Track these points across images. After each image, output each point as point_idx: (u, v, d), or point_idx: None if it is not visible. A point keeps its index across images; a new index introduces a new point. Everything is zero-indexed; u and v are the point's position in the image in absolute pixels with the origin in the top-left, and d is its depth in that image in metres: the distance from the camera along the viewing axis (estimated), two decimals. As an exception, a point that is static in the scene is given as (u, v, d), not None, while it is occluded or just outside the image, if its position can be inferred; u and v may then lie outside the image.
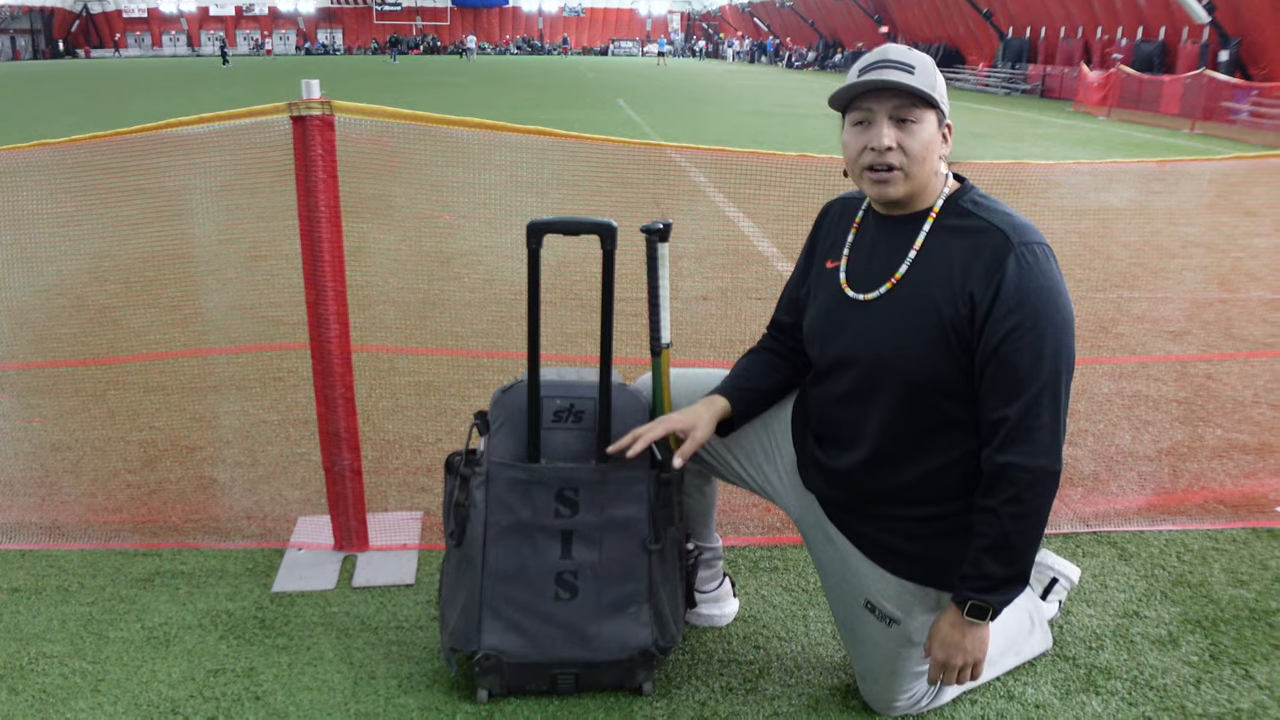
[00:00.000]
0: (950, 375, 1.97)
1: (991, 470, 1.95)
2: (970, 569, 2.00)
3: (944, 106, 1.98)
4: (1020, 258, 1.89)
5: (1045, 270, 1.90)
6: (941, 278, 1.97)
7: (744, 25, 75.67)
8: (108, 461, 3.67)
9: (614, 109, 23.09)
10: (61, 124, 17.73)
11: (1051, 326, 1.89)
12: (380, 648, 2.57)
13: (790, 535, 3.16)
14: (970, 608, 2.00)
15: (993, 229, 1.94)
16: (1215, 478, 3.65)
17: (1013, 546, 1.96)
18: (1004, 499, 1.93)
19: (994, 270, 1.90)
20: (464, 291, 6.10)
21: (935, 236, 2.01)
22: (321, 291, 2.75)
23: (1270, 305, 6.08)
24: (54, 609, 2.74)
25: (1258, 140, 18.38)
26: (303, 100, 2.58)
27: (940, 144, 1.99)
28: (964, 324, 1.93)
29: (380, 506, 3.29)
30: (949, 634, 2.05)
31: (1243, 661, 2.55)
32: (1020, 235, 1.92)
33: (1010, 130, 19.24)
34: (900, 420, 2.05)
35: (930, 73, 1.95)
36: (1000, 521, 1.94)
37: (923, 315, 1.97)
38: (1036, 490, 1.93)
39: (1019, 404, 1.90)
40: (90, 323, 5.45)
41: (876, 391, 2.06)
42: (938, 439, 2.04)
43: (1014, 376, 1.90)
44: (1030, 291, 1.88)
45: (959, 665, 2.06)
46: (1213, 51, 24.94)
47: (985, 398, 1.95)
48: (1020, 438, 1.91)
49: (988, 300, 1.90)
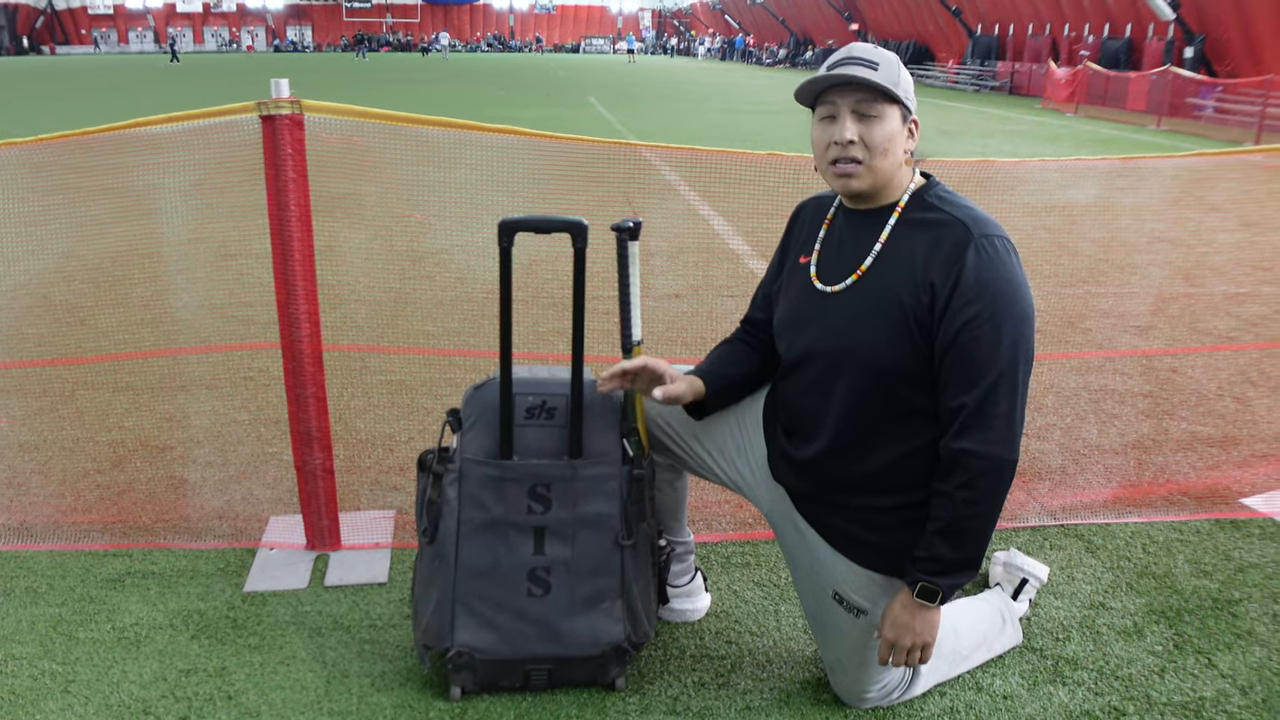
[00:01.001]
0: (912, 364, 2.00)
1: (948, 456, 1.98)
2: (922, 551, 2.04)
3: (908, 102, 2.01)
4: (980, 249, 1.93)
5: (1005, 262, 1.94)
6: (904, 269, 2.00)
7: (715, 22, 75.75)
8: (77, 462, 3.65)
9: (586, 106, 23.06)
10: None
11: (1010, 317, 1.92)
12: (353, 646, 2.57)
13: (762, 531, 3.19)
14: (920, 589, 2.04)
15: (954, 221, 1.99)
16: (1180, 470, 3.70)
17: (965, 531, 1.99)
18: (958, 484, 1.97)
19: (954, 261, 1.94)
20: (436, 290, 6.08)
21: (900, 230, 2.05)
22: (292, 291, 2.74)
23: (1234, 299, 6.16)
24: (23, 610, 2.72)
25: (1222, 135, 18.61)
26: (272, 99, 2.57)
27: (905, 139, 2.03)
28: (925, 313, 1.97)
29: (352, 505, 3.29)
30: (899, 614, 2.09)
31: (1206, 651, 2.60)
32: (980, 228, 1.96)
33: (979, 127, 19.37)
34: (863, 409, 2.08)
35: (894, 69, 1.99)
36: (954, 506, 1.98)
37: (886, 305, 2.01)
38: (991, 477, 1.96)
39: (976, 392, 1.93)
40: (58, 322, 5.39)
41: (840, 381, 2.09)
42: (900, 428, 2.07)
43: (972, 365, 1.93)
44: (989, 282, 1.92)
45: (907, 646, 2.09)
46: (1178, 48, 25.21)
47: (944, 386, 1.99)
48: (977, 425, 1.94)
49: (947, 290, 1.94)
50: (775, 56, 57.65)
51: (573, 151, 4.73)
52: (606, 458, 2.33)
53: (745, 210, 7.45)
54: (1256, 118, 18.32)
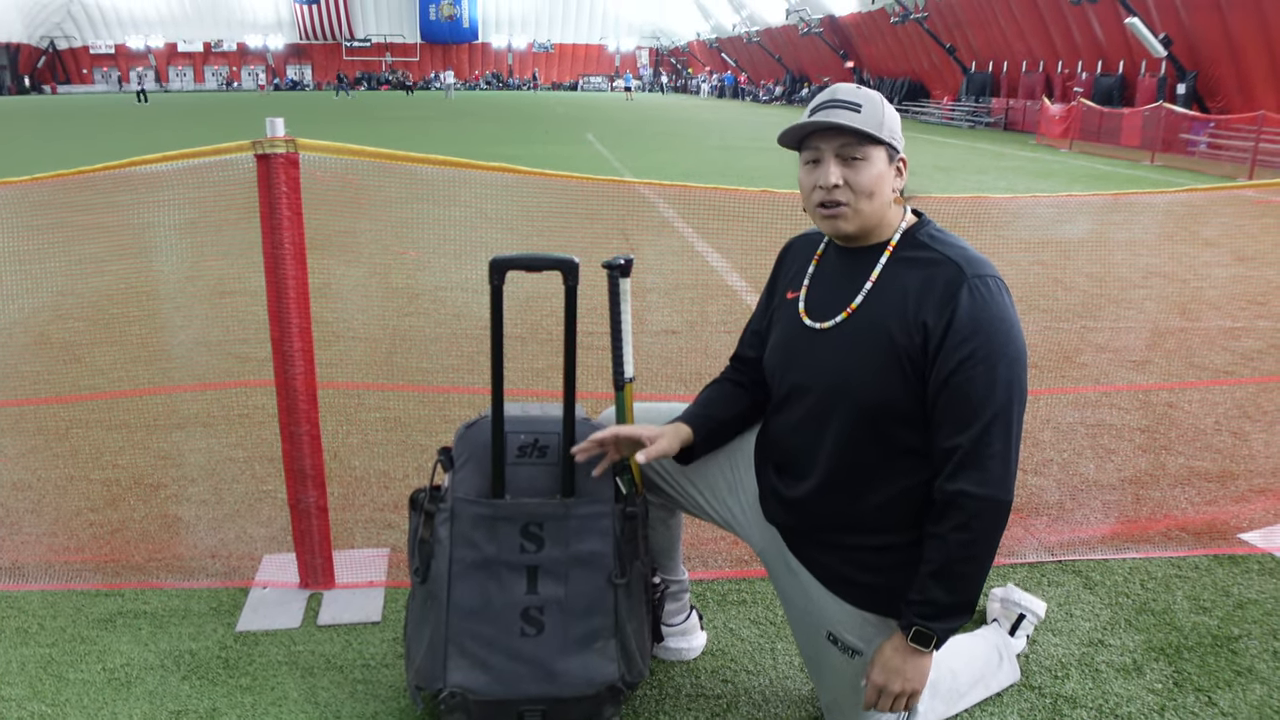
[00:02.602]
0: (903, 402, 1.99)
1: (942, 497, 1.97)
2: (916, 594, 2.01)
3: (894, 142, 2.01)
4: (973, 290, 1.93)
5: (997, 302, 1.94)
6: (896, 308, 2.00)
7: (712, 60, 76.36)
8: (70, 500, 3.63)
9: (583, 144, 23.19)
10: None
11: (1004, 358, 1.92)
12: (346, 687, 2.55)
13: (758, 568, 3.16)
14: (915, 634, 2.00)
15: (947, 261, 1.98)
16: (1178, 505, 3.69)
17: (959, 574, 1.97)
18: (952, 526, 1.95)
19: (947, 302, 1.93)
20: (432, 327, 6.09)
21: (891, 268, 2.05)
22: (286, 328, 2.74)
23: (1229, 334, 6.17)
24: (12, 651, 2.69)
25: (1216, 171, 18.72)
26: (267, 138, 2.58)
27: (893, 178, 2.03)
28: (917, 353, 1.96)
29: (347, 543, 3.27)
30: (890, 659, 2.05)
31: (1206, 689, 2.58)
32: (973, 268, 1.96)
33: (974, 163, 19.48)
34: (853, 447, 2.07)
35: (878, 109, 1.98)
36: (948, 548, 1.96)
37: (877, 343, 2.00)
38: (986, 519, 1.94)
39: (971, 433, 1.92)
40: (53, 360, 5.39)
41: (830, 418, 2.08)
42: (891, 467, 2.05)
43: (966, 406, 1.92)
44: (983, 323, 1.91)
45: (896, 691, 2.05)
46: (1170, 85, 25.40)
47: (937, 427, 1.97)
48: (971, 466, 1.93)
49: (940, 330, 1.93)
50: (771, 94, 58.10)
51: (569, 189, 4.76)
52: (599, 496, 2.32)
53: (741, 246, 7.47)
54: (1249, 153, 18.43)
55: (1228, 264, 8.53)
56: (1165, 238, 9.71)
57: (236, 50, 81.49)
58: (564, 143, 23.41)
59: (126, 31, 78.14)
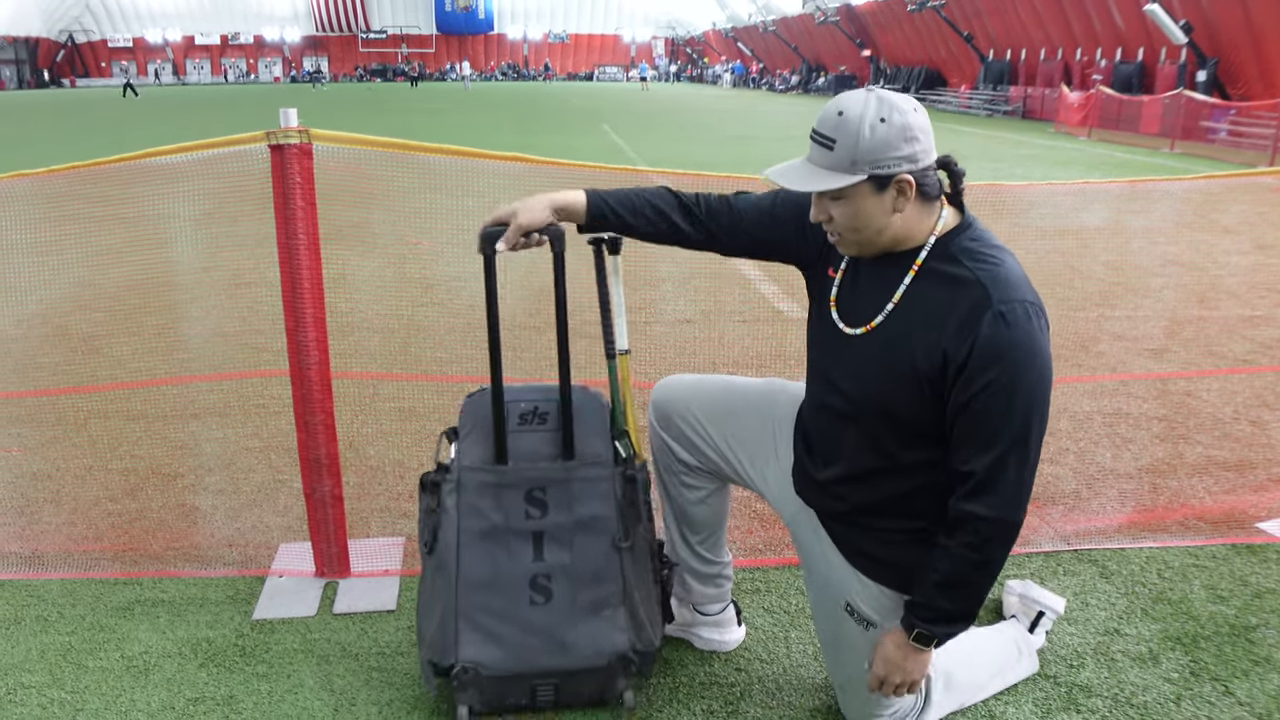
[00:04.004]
0: (923, 416, 1.98)
1: (955, 515, 1.97)
2: (921, 598, 2.04)
3: (882, 170, 1.87)
4: (998, 317, 1.86)
5: (1023, 330, 1.86)
6: (919, 326, 1.95)
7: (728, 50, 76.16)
8: (89, 490, 3.66)
9: (600, 134, 23.18)
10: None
11: (1024, 386, 1.86)
12: (361, 674, 2.56)
13: (772, 557, 3.17)
14: (916, 635, 2.04)
15: (975, 283, 1.90)
16: (1195, 494, 3.67)
17: (964, 586, 2.00)
18: (962, 543, 1.96)
19: (969, 328, 1.87)
20: (447, 317, 6.10)
21: (918, 284, 1.98)
22: (301, 318, 2.75)
23: (1249, 322, 6.12)
24: (33, 639, 2.72)
25: (1237, 159, 18.57)
26: (280, 129, 2.59)
27: (892, 200, 1.91)
28: (937, 375, 1.92)
29: (362, 532, 3.29)
30: (892, 653, 2.09)
31: (1223, 678, 2.56)
32: (1001, 292, 1.87)
33: (992, 151, 19.39)
34: (875, 448, 2.08)
35: (851, 142, 1.86)
36: (956, 563, 1.97)
37: (899, 360, 1.97)
38: (996, 540, 1.95)
39: (987, 458, 1.90)
40: (72, 351, 5.43)
41: (853, 419, 2.09)
42: (910, 468, 2.06)
43: (984, 432, 1.90)
44: (1004, 351, 1.85)
45: (896, 683, 2.11)
46: (1190, 72, 25.20)
47: (954, 447, 1.96)
48: (985, 490, 1.92)
49: (961, 357, 1.88)
50: (788, 83, 57.91)
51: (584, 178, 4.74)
52: (599, 460, 2.36)
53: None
54: (1270, 140, 18.27)
55: (1247, 251, 8.46)
56: (1184, 226, 9.64)
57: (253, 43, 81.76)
58: (580, 133, 23.40)
59: (144, 25, 78.60)
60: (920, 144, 1.88)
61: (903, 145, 1.87)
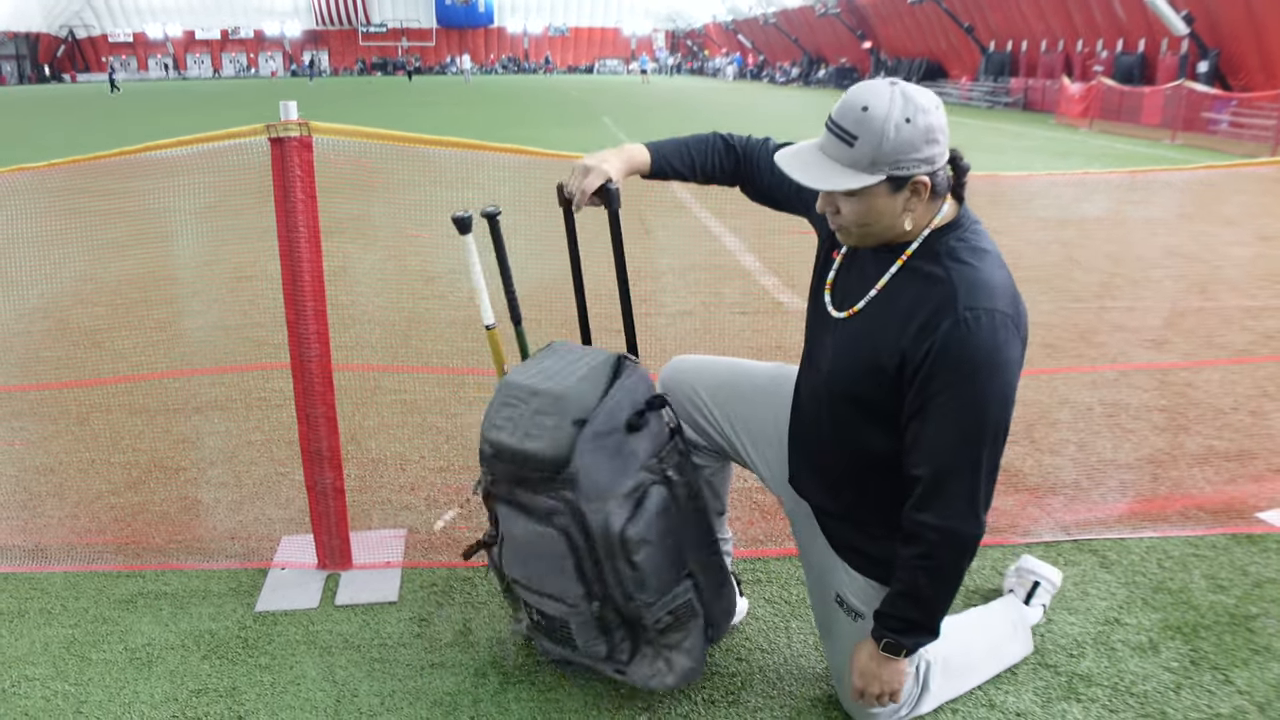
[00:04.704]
0: (887, 409, 1.97)
1: (908, 525, 1.97)
2: (887, 608, 2.06)
3: (901, 171, 1.84)
4: (961, 323, 1.82)
5: (984, 338, 1.82)
6: (887, 326, 1.94)
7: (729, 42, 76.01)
8: (91, 483, 3.67)
9: (599, 127, 23.15)
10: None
11: (978, 398, 1.84)
12: (363, 666, 2.57)
13: (772, 548, 3.18)
14: (885, 644, 2.06)
15: (946, 283, 1.87)
16: (1195, 485, 3.67)
17: (924, 598, 2.01)
18: (917, 554, 1.96)
19: (929, 332, 1.85)
20: (448, 310, 6.10)
21: (899, 278, 1.96)
22: (302, 311, 2.75)
23: (1249, 313, 6.12)
24: (36, 631, 2.73)
25: (1238, 150, 18.52)
26: (280, 122, 2.59)
27: (905, 200, 1.89)
28: (894, 374, 1.92)
29: (364, 524, 3.29)
30: (867, 664, 2.12)
31: (1223, 667, 2.57)
32: (970, 298, 1.84)
33: (992, 143, 19.35)
34: (849, 438, 2.08)
35: (875, 139, 1.81)
36: (914, 574, 1.99)
37: (866, 353, 1.97)
38: (950, 550, 1.94)
39: (933, 466, 1.89)
40: (74, 345, 5.44)
41: (829, 405, 2.10)
42: (886, 463, 2.04)
43: (934, 441, 1.88)
44: (961, 360, 1.83)
45: (875, 694, 2.14)
46: (1192, 63, 25.12)
47: (907, 450, 1.95)
48: (935, 499, 1.91)
49: (916, 361, 1.87)
50: (789, 75, 57.81)
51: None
52: None
53: (756, 227, 7.46)
54: (1272, 131, 18.23)
55: (1249, 243, 8.45)
56: (1185, 216, 9.63)
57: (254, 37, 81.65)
58: (580, 126, 23.37)
59: (145, 20, 78.47)
60: (939, 145, 1.86)
61: (924, 147, 1.83)
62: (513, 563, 2.27)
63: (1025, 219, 8.63)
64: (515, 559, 2.26)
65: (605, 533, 2.10)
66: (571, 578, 2.16)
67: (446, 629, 2.73)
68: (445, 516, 3.35)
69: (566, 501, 2.10)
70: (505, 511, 2.23)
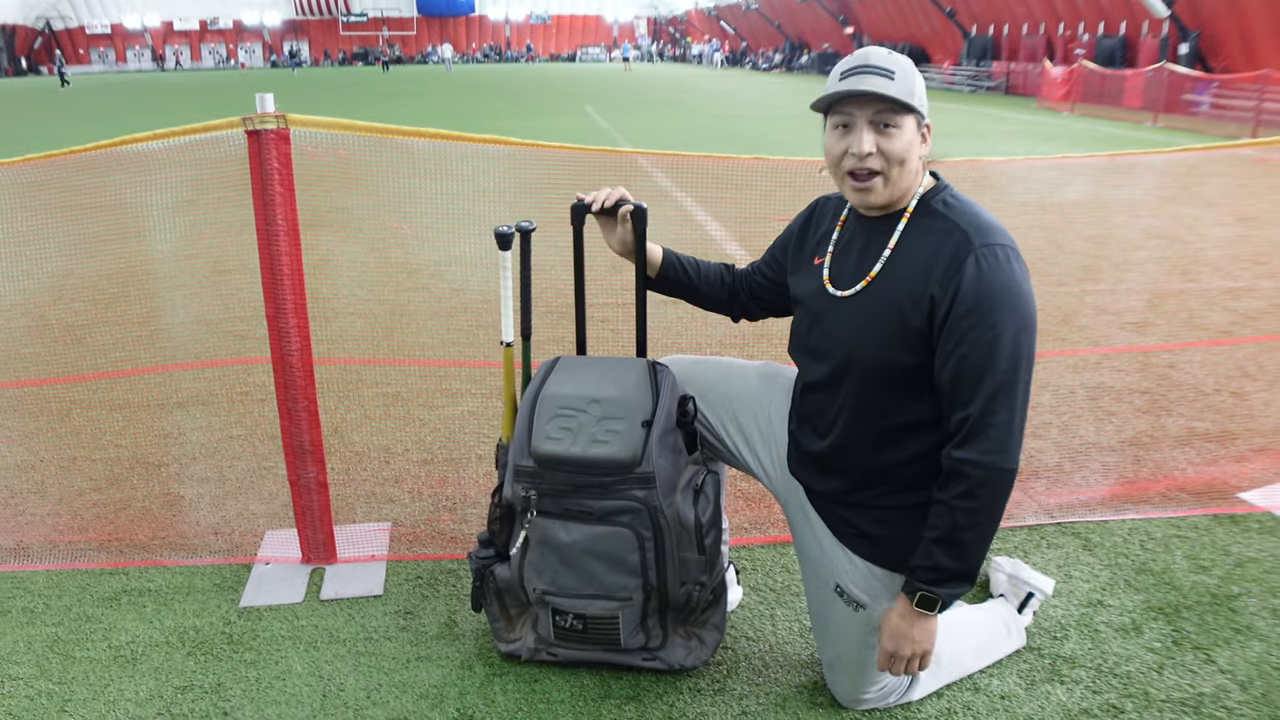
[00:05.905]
0: (915, 372, 2.01)
1: (948, 465, 1.97)
2: (921, 559, 2.03)
3: (923, 109, 2.00)
4: (980, 259, 1.91)
5: (1005, 270, 1.92)
6: (908, 279, 2.00)
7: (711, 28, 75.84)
8: (73, 480, 3.65)
9: (582, 115, 23.08)
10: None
11: (1010, 326, 1.90)
12: (349, 660, 2.57)
13: (758, 536, 3.18)
14: (919, 598, 2.03)
15: (956, 229, 1.97)
16: (1177, 466, 3.69)
17: (963, 541, 1.98)
18: (957, 493, 1.96)
19: (953, 272, 1.93)
20: (431, 301, 6.08)
21: (907, 236, 2.05)
22: (281, 305, 2.74)
23: (1230, 294, 6.15)
24: (19, 630, 2.72)
25: (1220, 131, 18.60)
26: (257, 114, 2.57)
27: (920, 145, 2.01)
28: (925, 324, 1.96)
29: (348, 518, 3.28)
30: (898, 624, 2.08)
31: (1205, 646, 2.59)
32: (982, 237, 1.94)
33: (975, 127, 19.37)
34: (868, 412, 2.10)
35: (909, 77, 1.97)
36: (952, 515, 1.97)
37: (890, 314, 2.01)
38: (990, 486, 1.95)
39: (976, 403, 1.92)
40: (54, 341, 5.40)
41: (846, 384, 2.11)
42: (904, 433, 2.08)
43: (971, 377, 1.92)
44: (988, 294, 1.90)
45: (907, 655, 2.09)
46: (1173, 45, 25.20)
47: (946, 398, 1.98)
48: (977, 435, 1.93)
49: (946, 303, 1.93)
50: (771, 61, 57.72)
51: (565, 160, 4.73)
52: None
53: (739, 214, 7.45)
54: (1252, 113, 18.32)
55: (1229, 224, 8.49)
56: (1166, 199, 9.67)
57: (233, 28, 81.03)
58: (563, 115, 23.30)
59: (122, 11, 77.73)
60: None
61: (925, 98, 2.03)
62: (548, 572, 2.34)
63: (1007, 203, 8.65)
64: (552, 568, 2.33)
65: (679, 523, 2.25)
66: (633, 571, 2.28)
67: (432, 622, 2.73)
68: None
69: (638, 499, 2.22)
70: (548, 524, 2.30)
